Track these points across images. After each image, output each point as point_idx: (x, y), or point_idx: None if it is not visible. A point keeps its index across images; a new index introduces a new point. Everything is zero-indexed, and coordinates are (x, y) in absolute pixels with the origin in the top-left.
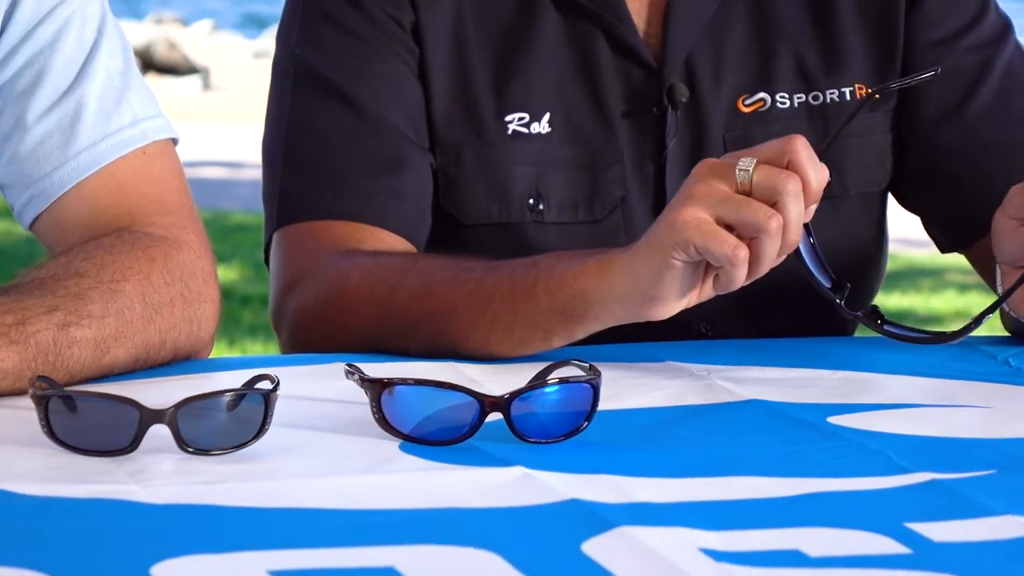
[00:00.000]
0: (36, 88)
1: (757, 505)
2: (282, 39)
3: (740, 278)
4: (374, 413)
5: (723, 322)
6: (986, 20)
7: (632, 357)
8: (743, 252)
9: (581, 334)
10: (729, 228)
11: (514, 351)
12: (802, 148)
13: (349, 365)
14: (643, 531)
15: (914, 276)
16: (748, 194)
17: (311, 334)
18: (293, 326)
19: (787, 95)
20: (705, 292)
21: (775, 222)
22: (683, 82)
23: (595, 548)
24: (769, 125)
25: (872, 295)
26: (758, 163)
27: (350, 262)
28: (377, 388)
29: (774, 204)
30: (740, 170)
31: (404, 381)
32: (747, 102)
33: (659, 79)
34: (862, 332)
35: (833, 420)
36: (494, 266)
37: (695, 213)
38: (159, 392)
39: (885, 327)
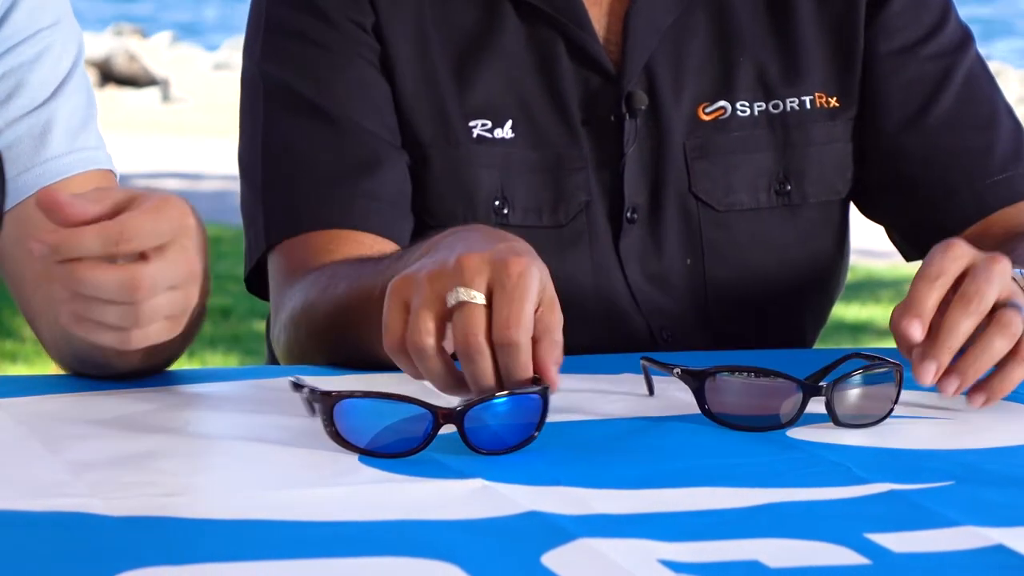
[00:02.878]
0: (11, 99)
1: (716, 516)
2: (248, 54)
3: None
4: (326, 427)
5: (684, 332)
6: (946, 29)
7: (590, 368)
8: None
9: None
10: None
11: None
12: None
13: (296, 379)
14: (602, 543)
15: (874, 287)
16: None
17: (290, 364)
18: (281, 358)
19: (747, 103)
20: None
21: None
22: (643, 90)
23: (555, 560)
24: (729, 133)
25: (830, 304)
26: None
27: (302, 286)
28: (329, 402)
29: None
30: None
31: (352, 394)
32: (707, 110)
33: (618, 86)
34: (821, 343)
35: (792, 432)
36: (378, 269)
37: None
38: (132, 405)
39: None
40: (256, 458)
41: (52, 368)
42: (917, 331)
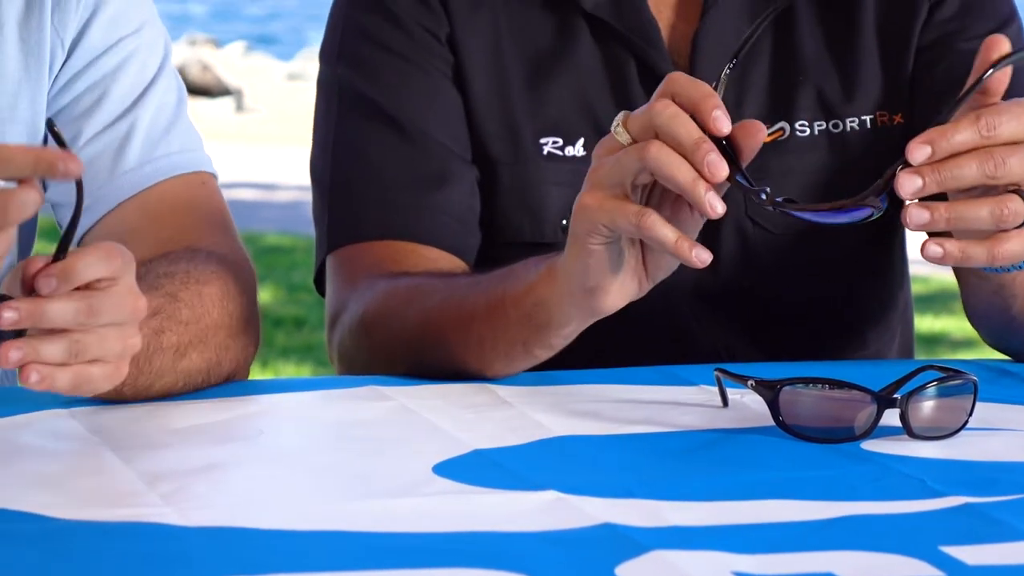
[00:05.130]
0: (94, 111)
1: (790, 528)
2: (324, 59)
3: (666, 236)
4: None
5: (743, 349)
6: (1005, 33)
7: (664, 380)
8: (649, 215)
9: (557, 341)
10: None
11: (506, 369)
12: (666, 81)
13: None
14: (677, 555)
15: (947, 299)
16: None
17: (352, 369)
18: (338, 360)
19: (807, 123)
20: (653, 273)
21: (651, 150)
22: None
23: (629, 572)
24: (786, 155)
25: (898, 317)
26: (627, 115)
27: (372, 292)
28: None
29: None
30: (615, 132)
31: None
32: (767, 132)
33: None
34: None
35: (866, 445)
36: (475, 283)
37: (591, 194)
38: (204, 415)
39: (793, 211)
40: (329, 469)
41: None
42: (922, 151)
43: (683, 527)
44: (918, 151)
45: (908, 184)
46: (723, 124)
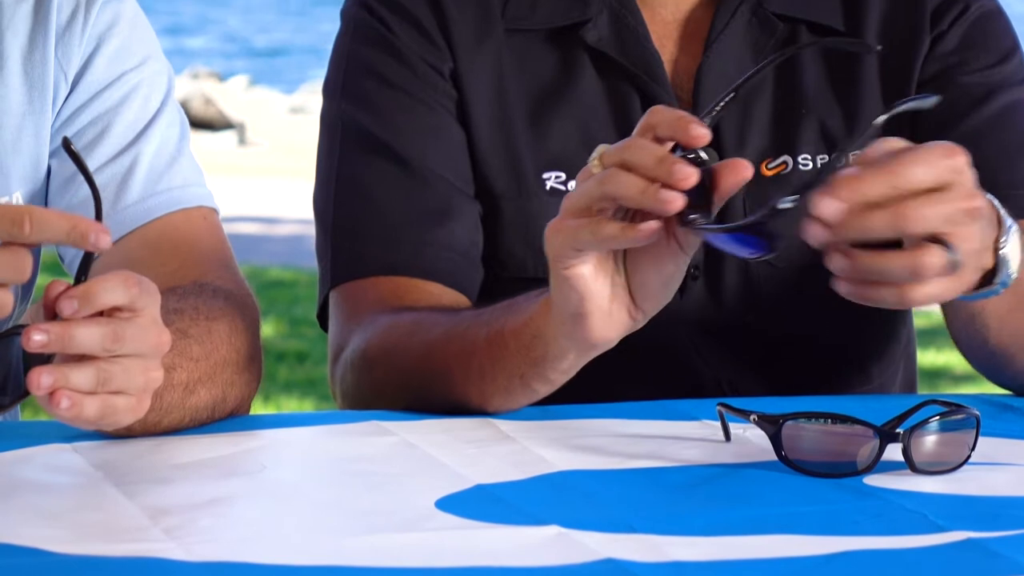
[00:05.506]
0: (96, 145)
1: (793, 563)
2: (327, 94)
3: (612, 231)
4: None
5: (746, 383)
6: (1001, 66)
7: (666, 415)
8: (600, 220)
9: (555, 375)
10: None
11: (506, 404)
12: (647, 114)
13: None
14: None
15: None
16: None
17: (354, 404)
18: (341, 395)
19: (809, 156)
20: (642, 302)
21: (608, 174)
22: (709, 145)
23: None
24: (789, 188)
25: (901, 350)
26: (604, 151)
27: (374, 327)
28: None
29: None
30: (591, 165)
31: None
32: (770, 165)
33: None
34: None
35: (868, 479)
36: (477, 315)
37: (557, 221)
38: (207, 450)
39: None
40: (332, 503)
41: None
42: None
43: (685, 562)
44: (827, 206)
45: (816, 235)
46: (700, 132)
